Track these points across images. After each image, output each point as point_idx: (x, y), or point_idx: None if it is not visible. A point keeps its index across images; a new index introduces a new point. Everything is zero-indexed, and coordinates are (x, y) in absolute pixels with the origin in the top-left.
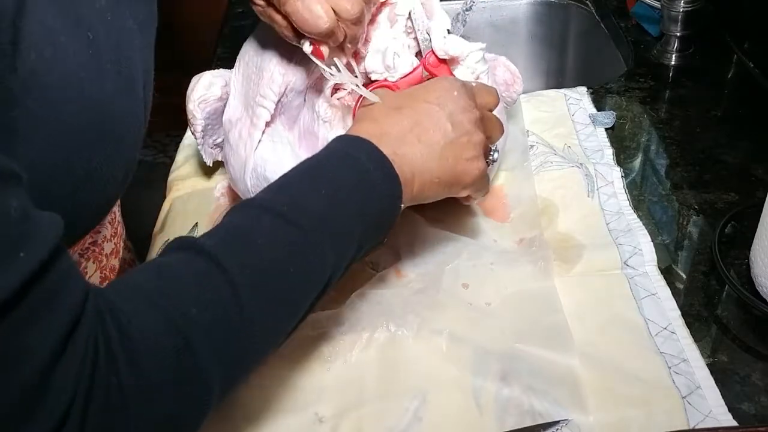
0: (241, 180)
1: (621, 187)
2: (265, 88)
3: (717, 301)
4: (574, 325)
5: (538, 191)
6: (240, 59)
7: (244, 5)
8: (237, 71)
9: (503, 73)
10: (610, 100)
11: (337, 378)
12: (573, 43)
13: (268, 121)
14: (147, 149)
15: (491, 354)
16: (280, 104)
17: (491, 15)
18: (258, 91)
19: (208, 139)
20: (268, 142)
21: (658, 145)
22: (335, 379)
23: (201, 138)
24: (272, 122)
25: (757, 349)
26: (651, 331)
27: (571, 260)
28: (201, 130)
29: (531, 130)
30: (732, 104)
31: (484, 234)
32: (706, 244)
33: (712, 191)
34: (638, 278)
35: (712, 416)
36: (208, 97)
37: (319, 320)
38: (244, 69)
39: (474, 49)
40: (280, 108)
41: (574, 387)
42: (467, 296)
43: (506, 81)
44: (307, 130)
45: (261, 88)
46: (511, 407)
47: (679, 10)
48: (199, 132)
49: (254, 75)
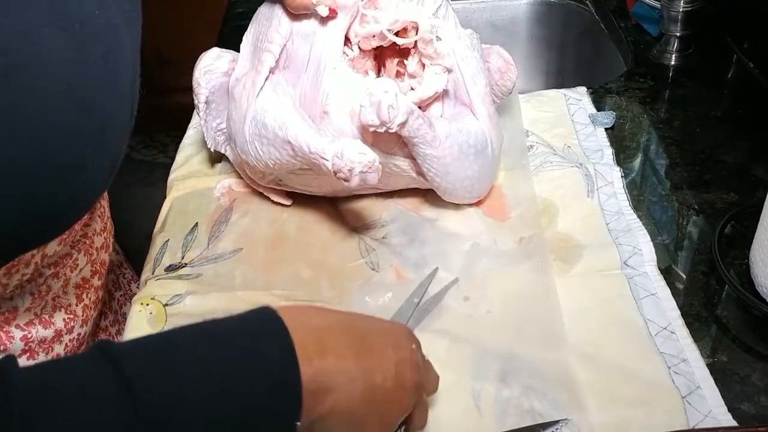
0: (240, 132)
1: (621, 187)
2: (272, 33)
3: (717, 301)
4: (574, 325)
5: (538, 191)
6: (252, 21)
7: (244, 5)
8: (248, 33)
9: (496, 60)
10: (609, 100)
11: None
12: (573, 43)
13: (273, 67)
14: (147, 149)
15: (490, 354)
16: (285, 52)
17: (491, 15)
18: (266, 38)
19: (212, 121)
20: (270, 92)
21: (658, 145)
22: None
23: (204, 113)
24: (275, 73)
25: (757, 349)
26: (651, 331)
27: (571, 260)
28: (204, 101)
29: (531, 130)
30: (732, 104)
31: (484, 234)
32: (706, 244)
33: (712, 191)
34: (638, 278)
35: (712, 416)
36: (214, 68)
37: None
38: (255, 28)
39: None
40: (284, 58)
41: (574, 387)
42: (466, 297)
43: (500, 68)
44: (310, 87)
45: (269, 34)
46: (511, 407)
47: (679, 10)
48: (202, 104)
49: (264, 27)
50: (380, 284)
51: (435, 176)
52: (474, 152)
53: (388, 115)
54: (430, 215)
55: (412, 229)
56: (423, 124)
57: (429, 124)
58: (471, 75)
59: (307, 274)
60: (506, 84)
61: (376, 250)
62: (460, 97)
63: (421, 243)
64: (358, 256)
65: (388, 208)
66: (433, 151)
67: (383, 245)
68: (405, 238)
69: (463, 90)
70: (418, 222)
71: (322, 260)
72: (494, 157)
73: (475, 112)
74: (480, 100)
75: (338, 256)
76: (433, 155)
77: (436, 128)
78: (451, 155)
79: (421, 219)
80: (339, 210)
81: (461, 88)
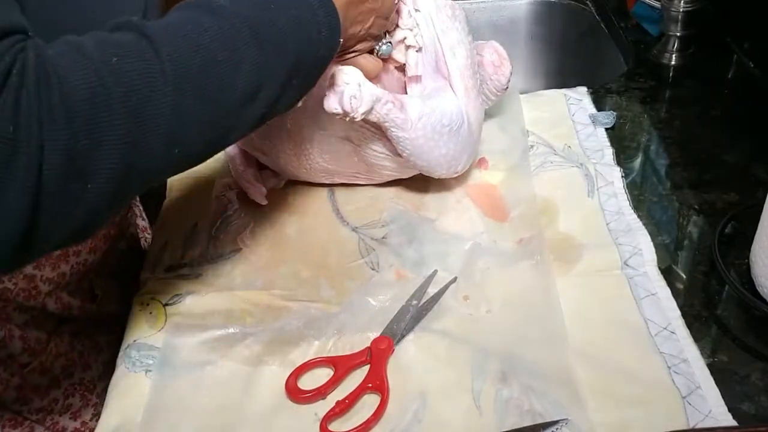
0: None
1: (621, 187)
2: None
3: (717, 301)
4: (574, 325)
5: (538, 191)
6: None
7: None
8: None
9: (490, 54)
10: (610, 100)
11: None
12: (573, 43)
13: None
14: None
15: (491, 355)
16: None
17: (491, 15)
18: None
19: None
20: None
21: (658, 145)
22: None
23: None
24: None
25: (757, 349)
26: (651, 331)
27: (571, 260)
28: None
29: (531, 130)
30: (732, 104)
31: (484, 234)
32: (706, 244)
33: (712, 191)
34: (638, 278)
35: (712, 416)
36: None
37: (318, 320)
38: None
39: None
40: None
41: (574, 387)
42: (466, 297)
43: (493, 62)
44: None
45: None
46: (511, 408)
47: (679, 10)
48: None
49: None
50: (380, 284)
51: (409, 156)
52: (448, 131)
53: (351, 105)
54: (430, 215)
55: (412, 229)
56: (393, 108)
57: (400, 106)
58: (450, 46)
59: (306, 274)
60: (500, 79)
61: (376, 250)
62: (441, 70)
63: (420, 243)
64: (358, 256)
65: (388, 208)
66: (405, 133)
67: (383, 245)
68: (405, 238)
69: (443, 61)
70: (418, 222)
71: (322, 260)
72: (471, 132)
73: (453, 86)
74: (458, 73)
75: (338, 256)
76: (405, 137)
77: (408, 110)
78: (424, 136)
79: (421, 219)
80: (339, 210)
81: (441, 59)
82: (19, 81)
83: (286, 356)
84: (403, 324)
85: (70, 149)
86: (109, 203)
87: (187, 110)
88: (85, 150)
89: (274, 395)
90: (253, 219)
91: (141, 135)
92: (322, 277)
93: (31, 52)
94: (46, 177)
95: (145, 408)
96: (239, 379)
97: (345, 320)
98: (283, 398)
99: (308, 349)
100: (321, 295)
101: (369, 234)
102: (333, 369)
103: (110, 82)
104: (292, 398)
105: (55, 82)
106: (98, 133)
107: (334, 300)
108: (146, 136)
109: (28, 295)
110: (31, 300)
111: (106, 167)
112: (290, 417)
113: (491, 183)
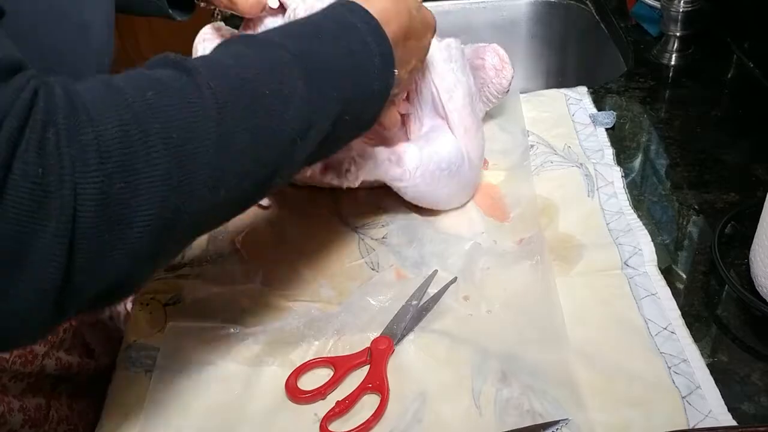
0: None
1: (621, 187)
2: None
3: (717, 301)
4: (574, 325)
5: (539, 191)
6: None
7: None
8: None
9: (492, 57)
10: (610, 100)
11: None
12: (573, 43)
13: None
14: None
15: (491, 355)
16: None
17: (491, 15)
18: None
19: None
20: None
21: (658, 145)
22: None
23: None
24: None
25: (757, 349)
26: (651, 331)
27: (571, 260)
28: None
29: (531, 130)
30: (732, 104)
31: (484, 234)
32: (706, 244)
33: (712, 191)
34: (638, 278)
35: (712, 416)
36: (213, 38)
37: (318, 320)
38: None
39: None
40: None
41: (574, 387)
42: (466, 296)
43: (495, 66)
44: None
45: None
46: (511, 408)
47: (679, 10)
48: None
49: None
50: (380, 284)
51: (411, 200)
52: (448, 174)
53: (347, 178)
54: (430, 215)
55: (412, 228)
56: (390, 165)
57: (397, 160)
58: (446, 89)
59: (306, 274)
60: (501, 83)
61: (376, 250)
62: (438, 110)
63: (420, 243)
64: (358, 256)
65: (388, 208)
66: (404, 183)
67: (383, 245)
68: (405, 238)
69: (440, 106)
70: (418, 222)
71: (322, 260)
72: (472, 168)
73: (452, 128)
74: (456, 114)
75: (338, 256)
76: (405, 186)
77: (405, 162)
78: (423, 182)
79: (421, 219)
80: (339, 210)
81: (437, 101)
82: (44, 119)
83: (286, 356)
84: (403, 324)
85: (104, 192)
86: (152, 254)
87: (232, 147)
88: (121, 192)
89: (274, 395)
90: (253, 219)
91: (182, 175)
92: (322, 277)
93: (57, 87)
94: (80, 224)
95: (145, 408)
96: (239, 379)
97: (345, 320)
98: (282, 398)
99: (308, 349)
100: (321, 295)
101: (369, 234)
102: (333, 369)
103: (145, 117)
104: (291, 398)
105: (84, 118)
106: (134, 174)
107: (334, 300)
108: (188, 176)
109: (25, 361)
110: (28, 366)
111: (145, 212)
112: (290, 417)
113: (491, 183)
